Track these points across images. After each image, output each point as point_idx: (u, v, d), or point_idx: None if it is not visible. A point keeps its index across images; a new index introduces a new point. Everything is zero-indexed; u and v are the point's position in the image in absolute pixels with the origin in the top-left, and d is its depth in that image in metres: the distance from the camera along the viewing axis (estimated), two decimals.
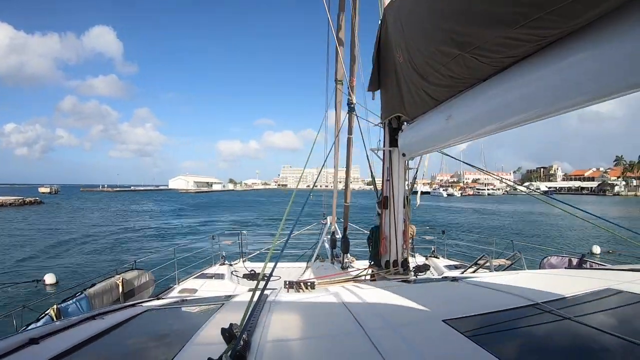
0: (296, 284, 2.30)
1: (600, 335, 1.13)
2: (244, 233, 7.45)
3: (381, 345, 1.05)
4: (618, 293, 1.54)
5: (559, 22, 1.32)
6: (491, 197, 79.40)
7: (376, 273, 3.68)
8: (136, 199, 73.94)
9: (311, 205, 3.07)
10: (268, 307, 1.61)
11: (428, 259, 6.25)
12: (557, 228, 24.48)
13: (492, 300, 1.63)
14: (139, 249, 17.83)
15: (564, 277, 2.22)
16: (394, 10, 3.10)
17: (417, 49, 2.52)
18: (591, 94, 1.36)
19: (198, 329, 1.35)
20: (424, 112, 2.86)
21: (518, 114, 1.79)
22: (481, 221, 30.86)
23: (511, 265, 4.98)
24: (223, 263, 6.45)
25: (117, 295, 4.30)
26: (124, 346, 1.47)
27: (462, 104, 2.26)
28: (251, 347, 1.06)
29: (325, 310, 1.68)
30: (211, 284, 5.31)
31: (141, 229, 25.39)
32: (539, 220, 30.75)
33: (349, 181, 6.65)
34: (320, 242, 7.42)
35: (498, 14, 1.53)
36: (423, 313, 1.51)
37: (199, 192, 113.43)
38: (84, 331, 1.52)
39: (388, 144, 3.86)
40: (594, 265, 3.74)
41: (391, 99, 3.40)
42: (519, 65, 1.69)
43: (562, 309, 1.35)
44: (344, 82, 5.79)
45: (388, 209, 3.81)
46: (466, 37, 1.81)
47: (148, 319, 1.82)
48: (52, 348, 1.26)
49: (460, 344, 1.07)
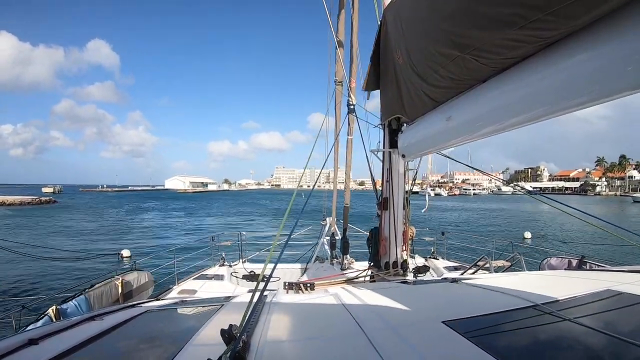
0: (296, 285, 2.30)
1: (600, 336, 1.13)
2: (244, 234, 7.45)
3: (381, 347, 1.05)
4: (618, 294, 1.54)
5: (558, 24, 1.33)
6: (476, 197, 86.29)
7: (376, 274, 3.67)
8: (141, 198, 74.67)
9: (308, 212, 3.11)
10: (268, 308, 1.61)
11: (427, 260, 6.24)
12: (539, 222, 29.17)
13: (492, 301, 1.63)
14: (182, 234, 22.16)
15: (564, 278, 2.22)
16: (394, 11, 3.10)
17: (416, 50, 2.53)
18: (591, 95, 1.36)
19: (197, 330, 1.35)
20: (424, 114, 2.86)
21: (518, 115, 1.79)
22: (468, 217, 34.79)
23: (511, 266, 4.97)
24: (222, 264, 6.44)
25: (116, 296, 4.29)
26: (123, 347, 1.47)
27: (462, 105, 2.26)
28: (250, 348, 1.06)
29: (324, 312, 1.67)
30: (211, 284, 5.29)
31: (177, 225, 28.39)
32: (520, 216, 35.31)
33: (348, 182, 6.66)
34: (319, 243, 7.41)
35: (498, 15, 1.53)
36: (423, 314, 1.51)
37: (196, 192, 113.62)
38: (83, 332, 1.52)
39: (388, 145, 3.86)
40: (593, 266, 3.74)
41: (391, 100, 3.40)
42: (519, 67, 1.69)
43: (562, 310, 1.35)
44: (343, 83, 5.80)
45: (388, 210, 3.81)
46: (466, 39, 1.81)
47: (147, 320, 1.81)
48: (51, 349, 1.26)
49: (460, 345, 1.07)
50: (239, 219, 33.32)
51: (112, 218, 33.71)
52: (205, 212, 42.78)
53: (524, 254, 5.20)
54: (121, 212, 40.19)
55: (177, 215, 37.69)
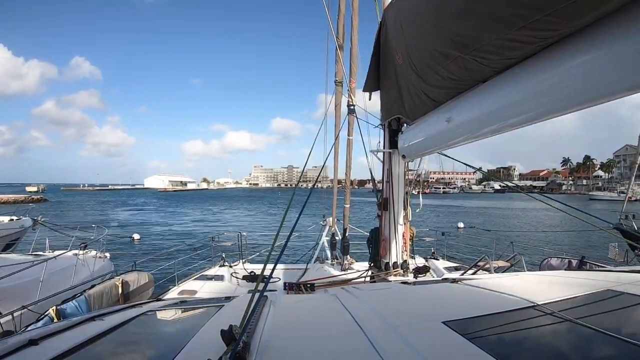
0: (296, 286, 2.30)
1: (600, 337, 1.13)
2: (244, 234, 7.44)
3: (381, 347, 1.05)
4: (618, 295, 1.54)
5: (558, 24, 1.33)
6: (446, 195, 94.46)
7: (376, 274, 3.67)
8: (126, 196, 75.58)
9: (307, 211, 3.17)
10: (268, 308, 1.61)
11: (428, 261, 6.23)
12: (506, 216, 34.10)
13: (492, 301, 1.63)
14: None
15: (564, 278, 2.21)
16: (394, 11, 3.11)
17: (416, 51, 2.53)
18: (591, 95, 1.36)
19: (197, 331, 1.35)
20: (424, 114, 2.86)
21: (518, 116, 1.79)
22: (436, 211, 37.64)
23: (511, 266, 4.97)
24: (223, 264, 6.44)
25: (116, 297, 4.29)
26: (124, 348, 1.47)
27: (462, 105, 2.26)
28: (251, 349, 1.06)
29: (325, 312, 1.67)
30: (211, 285, 5.29)
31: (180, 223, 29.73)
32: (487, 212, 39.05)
33: (349, 183, 6.66)
34: (320, 243, 7.41)
35: (498, 16, 1.53)
36: (423, 315, 1.51)
37: (176, 190, 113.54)
38: (83, 332, 1.52)
39: (388, 146, 3.86)
40: (593, 267, 3.74)
41: (391, 100, 3.40)
42: (519, 67, 1.69)
43: (562, 310, 1.34)
44: (343, 83, 5.80)
45: (388, 210, 3.81)
46: (466, 39, 1.81)
47: (147, 321, 1.81)
48: (51, 349, 1.26)
49: (460, 345, 1.07)
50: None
51: (113, 213, 36.67)
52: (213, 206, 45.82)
53: (524, 254, 5.20)
54: (123, 209, 41.97)
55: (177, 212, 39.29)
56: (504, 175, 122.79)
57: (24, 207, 14.12)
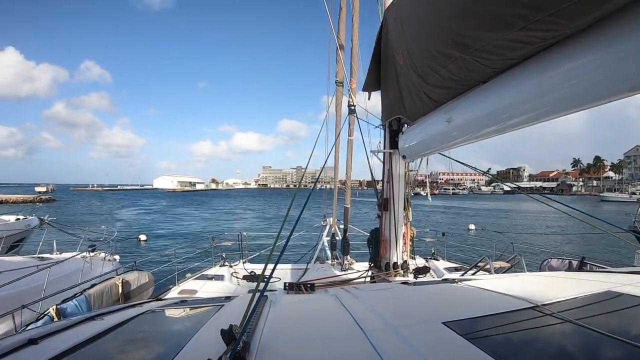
0: (296, 286, 2.29)
1: (600, 338, 1.12)
2: (244, 234, 7.45)
3: (381, 347, 1.05)
4: (619, 296, 1.54)
5: (559, 25, 1.33)
6: (455, 196, 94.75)
7: (376, 275, 3.67)
8: (135, 197, 75.48)
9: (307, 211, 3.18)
10: (268, 308, 1.61)
11: (428, 261, 6.23)
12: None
13: (492, 302, 1.62)
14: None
15: (565, 279, 2.21)
16: (395, 12, 3.11)
17: (417, 51, 2.53)
18: (592, 96, 1.36)
19: (197, 330, 1.35)
20: (425, 114, 2.86)
21: (519, 116, 1.79)
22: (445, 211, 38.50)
23: (511, 267, 4.97)
24: (223, 264, 6.44)
25: (116, 296, 4.29)
26: (124, 347, 1.47)
27: (463, 105, 2.26)
28: (251, 349, 1.06)
29: (325, 312, 1.67)
30: (211, 285, 5.30)
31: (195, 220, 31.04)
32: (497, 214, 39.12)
33: (349, 183, 6.66)
34: (320, 243, 7.41)
35: (498, 16, 1.53)
36: (423, 315, 1.51)
37: (184, 191, 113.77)
38: (83, 332, 1.52)
39: (388, 146, 3.86)
40: (594, 267, 3.73)
41: (391, 100, 3.40)
42: (520, 68, 1.69)
43: (562, 311, 1.34)
44: (344, 83, 5.80)
45: (388, 211, 3.81)
46: (467, 39, 1.81)
47: (147, 320, 1.81)
48: (51, 348, 1.26)
49: (460, 346, 1.07)
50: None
51: (123, 212, 37.64)
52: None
53: (524, 255, 5.20)
54: (132, 208, 42.88)
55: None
56: (513, 176, 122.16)
57: (32, 207, 14.00)
